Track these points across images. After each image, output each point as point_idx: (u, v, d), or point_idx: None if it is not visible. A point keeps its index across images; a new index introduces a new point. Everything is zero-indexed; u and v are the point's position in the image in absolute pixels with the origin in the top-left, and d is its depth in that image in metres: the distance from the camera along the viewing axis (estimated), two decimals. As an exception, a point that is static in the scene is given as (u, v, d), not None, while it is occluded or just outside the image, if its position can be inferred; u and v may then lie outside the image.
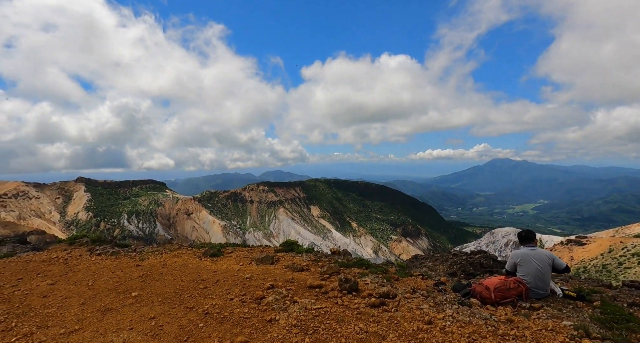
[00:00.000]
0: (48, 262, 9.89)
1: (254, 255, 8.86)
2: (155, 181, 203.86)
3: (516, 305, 5.27)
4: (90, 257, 9.89)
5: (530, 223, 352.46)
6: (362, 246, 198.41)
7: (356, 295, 5.43)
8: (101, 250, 10.44)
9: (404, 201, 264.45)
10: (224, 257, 9.04)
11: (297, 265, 7.47)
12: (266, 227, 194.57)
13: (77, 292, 6.36)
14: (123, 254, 9.93)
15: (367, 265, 7.63)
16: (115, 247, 11.48)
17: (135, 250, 10.39)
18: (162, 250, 10.43)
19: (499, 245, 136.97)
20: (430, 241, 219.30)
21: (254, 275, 6.87)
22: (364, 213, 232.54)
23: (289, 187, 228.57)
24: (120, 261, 9.14)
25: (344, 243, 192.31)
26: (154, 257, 9.36)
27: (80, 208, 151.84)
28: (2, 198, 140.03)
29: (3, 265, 10.16)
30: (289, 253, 9.32)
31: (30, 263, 9.91)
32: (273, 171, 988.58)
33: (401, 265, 8.57)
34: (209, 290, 5.99)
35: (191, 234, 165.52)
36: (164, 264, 8.33)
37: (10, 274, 8.74)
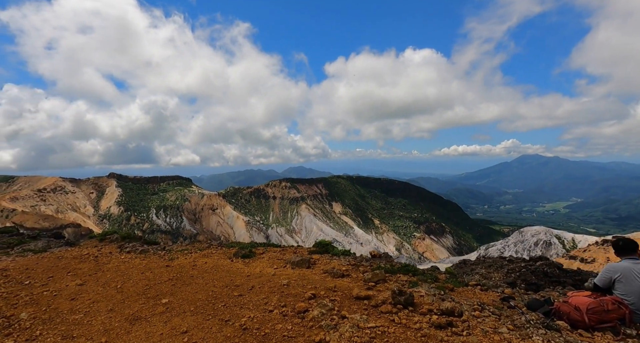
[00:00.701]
0: (79, 259, 9.74)
1: (287, 257, 8.25)
2: (181, 177, 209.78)
3: (619, 332, 4.29)
4: (120, 255, 9.63)
5: (562, 222, 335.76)
6: (384, 243, 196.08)
7: (413, 310, 4.66)
8: (130, 247, 10.18)
9: (427, 198, 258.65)
10: (256, 258, 8.49)
11: (336, 270, 6.78)
12: (288, 223, 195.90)
13: (105, 296, 5.96)
14: (152, 252, 9.61)
15: (413, 272, 6.83)
16: (145, 244, 11.22)
17: (164, 249, 10.05)
18: (191, 249, 10.03)
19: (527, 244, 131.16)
20: (455, 239, 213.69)
21: (291, 281, 6.23)
22: (387, 210, 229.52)
23: (311, 183, 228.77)
24: (149, 260, 8.79)
25: (366, 240, 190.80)
26: (184, 256, 8.95)
27: (112, 203, 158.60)
28: (41, 192, 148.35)
29: (36, 261, 10.14)
30: (324, 255, 8.65)
31: (62, 260, 9.81)
32: (295, 167, 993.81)
33: (451, 272, 7.72)
34: (245, 299, 5.40)
35: (216, 229, 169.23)
36: (194, 265, 7.87)
37: (42, 271, 8.61)
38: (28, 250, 13.60)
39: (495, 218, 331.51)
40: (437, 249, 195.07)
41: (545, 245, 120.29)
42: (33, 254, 11.57)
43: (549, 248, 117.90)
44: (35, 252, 12.56)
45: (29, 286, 7.11)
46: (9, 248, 14.04)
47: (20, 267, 9.51)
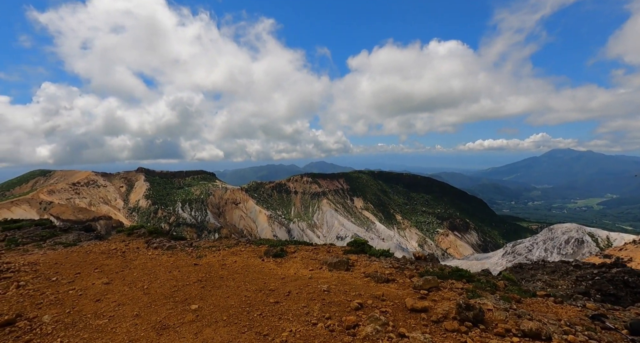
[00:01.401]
0: (107, 254, 9.53)
1: (321, 257, 7.60)
2: (206, 171, 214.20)
3: None
4: (147, 251, 9.30)
5: (596, 219, 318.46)
6: (406, 239, 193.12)
7: (485, 329, 3.87)
8: (157, 243, 9.84)
9: (451, 193, 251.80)
10: (289, 258, 7.89)
11: (379, 274, 6.05)
12: (310, 217, 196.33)
13: (131, 297, 5.51)
14: (179, 249, 9.21)
15: (468, 277, 5.99)
16: (171, 240, 10.89)
17: (191, 245, 9.65)
18: (219, 245, 9.57)
19: (558, 242, 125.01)
20: (480, 236, 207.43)
21: (330, 285, 5.56)
22: (409, 206, 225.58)
23: (332, 178, 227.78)
24: (176, 257, 8.37)
25: (387, 235, 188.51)
26: (212, 254, 8.48)
27: (140, 196, 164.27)
28: (76, 186, 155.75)
29: (65, 256, 10.03)
30: (360, 255, 7.93)
31: (90, 255, 9.64)
32: (317, 162, 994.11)
33: (510, 278, 6.81)
34: (282, 307, 4.78)
35: (239, 223, 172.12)
36: (223, 264, 7.36)
37: (70, 267, 8.41)
38: (59, 243, 13.71)
39: (523, 215, 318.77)
40: (461, 246, 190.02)
41: (577, 243, 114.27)
42: (63, 248, 11.57)
43: (580, 246, 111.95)
44: (65, 245, 12.61)
45: (56, 283, 6.84)
46: (41, 241, 14.24)
47: (50, 261, 9.41)
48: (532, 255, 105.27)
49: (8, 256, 11.45)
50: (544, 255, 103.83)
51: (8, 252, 12.21)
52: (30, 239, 14.00)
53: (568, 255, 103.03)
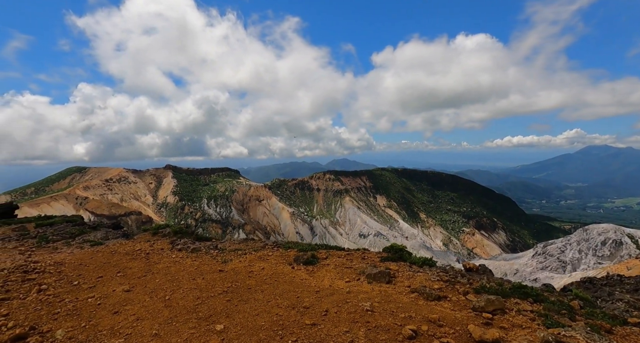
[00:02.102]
0: (131, 255, 9.23)
1: (356, 265, 6.83)
2: (230, 169, 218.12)
3: None
4: (171, 253, 8.88)
5: (635, 219, 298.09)
6: (431, 238, 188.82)
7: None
8: (182, 244, 9.42)
9: (478, 191, 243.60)
10: (321, 265, 7.18)
11: (427, 289, 5.22)
12: (332, 214, 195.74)
13: (151, 310, 4.98)
14: (204, 252, 8.73)
15: (535, 296, 5.06)
16: (196, 240, 10.46)
17: (216, 247, 9.15)
18: (244, 248, 9.01)
19: (593, 243, 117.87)
20: (508, 235, 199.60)
21: (373, 303, 4.80)
22: (434, 204, 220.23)
23: (355, 175, 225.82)
24: (201, 261, 7.87)
25: (411, 234, 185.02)
26: (237, 258, 7.91)
27: (168, 193, 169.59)
28: (108, 182, 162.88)
29: (90, 256, 9.85)
30: (400, 264, 7.10)
31: (115, 256, 9.37)
32: (339, 160, 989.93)
33: (583, 297, 5.77)
34: (321, 331, 4.06)
35: (262, 219, 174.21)
36: (250, 271, 6.75)
37: (94, 269, 8.13)
38: (87, 240, 13.74)
39: (555, 214, 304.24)
40: (488, 245, 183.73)
41: (615, 244, 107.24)
42: (90, 247, 11.47)
43: (619, 248, 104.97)
44: (92, 243, 12.56)
45: (77, 288, 6.50)
46: (70, 239, 14.36)
47: (75, 261, 9.23)
48: (564, 257, 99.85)
49: (38, 254, 11.47)
50: (577, 257, 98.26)
51: (38, 249, 12.27)
52: (60, 236, 14.12)
53: (605, 257, 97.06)
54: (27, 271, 8.19)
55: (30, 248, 12.37)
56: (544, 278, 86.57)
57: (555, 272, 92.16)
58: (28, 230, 16.29)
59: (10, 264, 9.32)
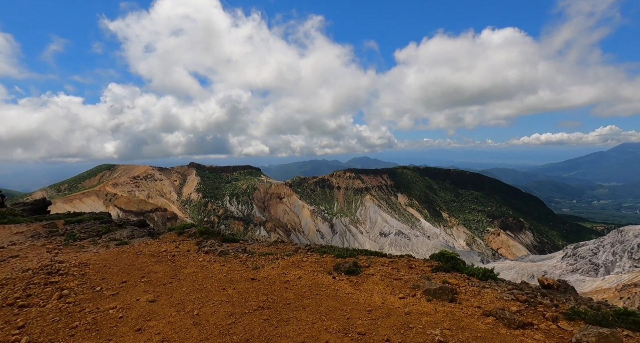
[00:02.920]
0: (156, 257, 8.72)
1: (406, 276, 5.94)
2: (252, 167, 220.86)
3: None
4: (198, 256, 8.28)
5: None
6: (453, 237, 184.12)
7: None
8: (209, 246, 8.81)
9: (503, 191, 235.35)
10: (364, 275, 6.33)
11: (506, 312, 4.25)
12: (352, 213, 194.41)
13: (178, 329, 4.30)
14: (232, 255, 8.07)
15: None
16: (223, 242, 9.85)
17: (245, 250, 8.47)
18: (275, 251, 8.28)
19: (629, 245, 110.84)
20: (536, 236, 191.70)
21: (444, 331, 3.90)
22: (457, 203, 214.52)
23: (375, 174, 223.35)
24: (230, 266, 7.20)
25: (433, 233, 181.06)
26: (269, 264, 7.19)
27: (192, 190, 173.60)
28: (136, 179, 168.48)
29: (115, 256, 9.44)
30: (456, 275, 6.14)
31: (139, 258, 8.89)
32: (360, 158, 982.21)
33: None
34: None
35: (283, 217, 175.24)
36: (286, 281, 5.99)
37: (118, 271, 7.64)
38: (113, 239, 13.52)
39: (587, 215, 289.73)
40: (514, 246, 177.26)
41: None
42: (115, 246, 11.15)
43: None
44: (118, 242, 12.28)
45: (99, 295, 5.96)
46: (97, 237, 14.20)
47: (100, 262, 8.83)
48: (597, 259, 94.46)
49: (64, 253, 11.24)
50: (611, 260, 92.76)
51: (66, 247, 12.08)
52: (87, 234, 13.97)
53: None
54: (50, 272, 7.82)
55: (58, 246, 12.20)
56: (574, 281, 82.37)
57: (587, 275, 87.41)
58: (57, 227, 16.33)
59: (36, 264, 9.05)
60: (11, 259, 10.52)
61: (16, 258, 10.55)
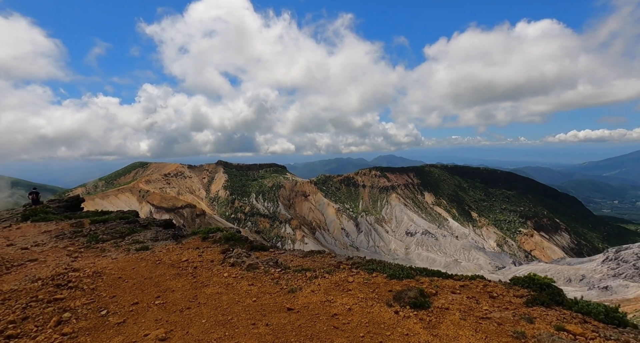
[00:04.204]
0: (176, 268, 7.62)
1: (494, 313, 4.37)
2: (277, 164, 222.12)
3: None
4: (222, 269, 7.08)
5: None
6: (483, 238, 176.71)
7: None
8: (235, 257, 7.59)
9: (537, 190, 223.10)
10: (435, 308, 4.81)
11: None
12: (378, 211, 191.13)
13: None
14: (262, 270, 6.78)
15: None
16: (251, 250, 8.60)
17: (276, 263, 7.17)
18: (312, 265, 6.92)
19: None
20: (573, 238, 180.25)
21: None
22: (487, 202, 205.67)
23: (401, 172, 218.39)
24: (260, 285, 5.91)
25: (462, 233, 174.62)
26: (307, 285, 5.82)
27: (220, 187, 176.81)
28: (167, 176, 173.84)
29: (133, 266, 8.45)
30: (559, 311, 4.50)
31: (158, 268, 7.83)
32: (385, 156, 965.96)
33: None
34: None
35: (308, 215, 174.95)
36: (334, 316, 4.59)
37: (131, 288, 6.55)
38: (136, 241, 12.75)
39: (630, 216, 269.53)
40: (549, 248, 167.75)
41: None
42: (136, 251, 10.24)
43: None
44: (140, 246, 11.44)
45: (102, 323, 4.85)
46: (120, 238, 13.52)
47: (115, 272, 7.86)
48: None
49: (83, 257, 10.48)
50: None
51: (86, 250, 11.37)
52: (110, 236, 13.30)
53: None
54: (60, 285, 6.91)
55: (79, 249, 11.52)
56: (616, 286, 76.26)
57: (631, 280, 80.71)
58: (83, 226, 15.86)
59: (49, 271, 8.23)
60: (29, 263, 9.85)
61: (34, 262, 9.87)
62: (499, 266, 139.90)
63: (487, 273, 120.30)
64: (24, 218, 18.45)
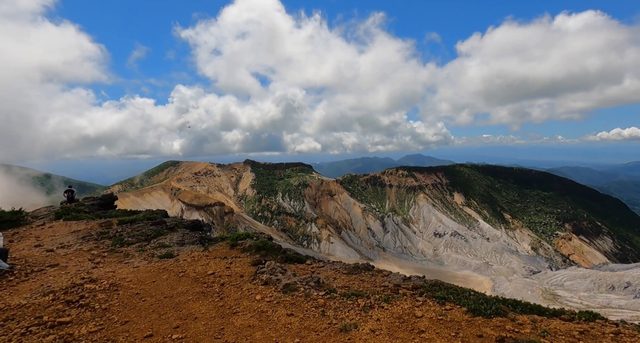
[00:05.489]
0: (201, 285, 6.50)
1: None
2: (303, 164, 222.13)
3: None
4: (254, 288, 5.88)
5: None
6: (516, 240, 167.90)
7: None
8: (268, 272, 6.39)
9: (576, 191, 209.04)
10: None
11: None
12: (405, 212, 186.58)
13: None
14: (302, 292, 5.52)
15: None
16: (286, 262, 7.37)
17: (318, 283, 5.88)
18: (362, 289, 5.56)
19: None
20: (617, 242, 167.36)
21: None
22: (520, 204, 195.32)
23: (429, 171, 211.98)
24: (302, 317, 4.64)
25: (493, 235, 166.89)
26: (363, 320, 4.49)
27: (247, 186, 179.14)
28: (197, 175, 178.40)
29: (153, 278, 7.46)
30: None
31: (181, 283, 6.74)
32: (412, 155, 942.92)
33: None
34: None
35: (334, 214, 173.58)
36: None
37: (147, 310, 5.48)
38: (162, 245, 11.95)
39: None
40: (589, 252, 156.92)
41: None
42: (159, 259, 9.31)
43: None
44: (165, 252, 10.59)
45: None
46: (145, 241, 12.80)
47: (133, 286, 6.88)
48: (697, 271, 79.55)
49: (105, 262, 9.71)
50: None
51: (110, 254, 10.65)
52: (135, 238, 12.59)
53: None
54: (71, 302, 6.01)
55: (102, 253, 10.82)
56: (667, 295, 69.89)
57: (683, 288, 74.09)
58: (112, 226, 15.39)
59: (65, 282, 7.41)
60: (49, 269, 9.18)
61: (54, 268, 9.19)
62: (534, 270, 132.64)
63: (520, 277, 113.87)
64: (57, 217, 18.40)
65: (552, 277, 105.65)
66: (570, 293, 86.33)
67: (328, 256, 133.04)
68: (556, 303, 78.58)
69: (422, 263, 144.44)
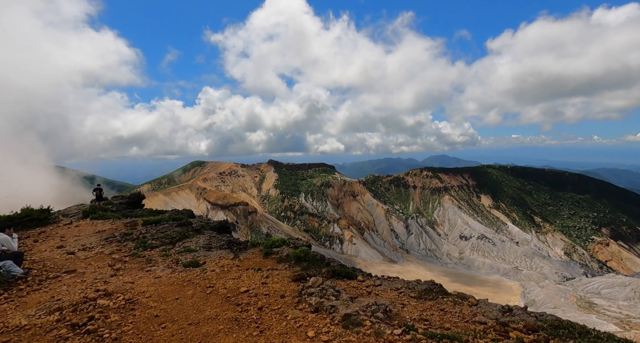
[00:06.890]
0: (233, 306, 5.17)
1: None
2: (326, 164, 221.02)
3: None
4: (302, 316, 4.52)
5: None
6: (548, 245, 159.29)
7: None
8: (317, 294, 5.01)
9: (614, 194, 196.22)
10: None
11: None
12: (429, 213, 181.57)
13: None
14: (368, 326, 4.09)
15: None
16: (332, 276, 5.98)
17: (386, 312, 4.44)
18: (450, 329, 4.04)
19: None
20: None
21: None
22: (552, 207, 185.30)
23: (455, 173, 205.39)
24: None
25: (523, 239, 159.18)
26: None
27: (270, 186, 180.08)
28: (222, 175, 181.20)
29: (176, 294, 6.19)
30: None
31: (209, 302, 5.44)
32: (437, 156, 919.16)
33: None
34: None
35: (356, 215, 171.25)
36: None
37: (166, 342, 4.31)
38: (187, 250, 10.89)
39: None
40: (629, 259, 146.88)
41: None
42: (184, 268, 8.15)
43: None
44: (191, 257, 9.48)
45: None
46: (170, 244, 11.80)
47: (152, 304, 5.68)
48: None
49: (126, 269, 8.69)
50: None
51: (131, 259, 9.65)
52: (159, 241, 11.62)
53: None
54: (77, 325, 4.90)
55: (124, 257, 9.86)
56: None
57: None
58: (136, 226, 14.63)
59: (77, 296, 6.34)
60: (64, 276, 8.25)
61: (70, 275, 8.25)
62: (567, 276, 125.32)
63: (553, 283, 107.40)
64: (84, 216, 18.06)
65: (588, 284, 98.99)
66: (608, 302, 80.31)
67: (352, 257, 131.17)
68: (592, 311, 73.24)
69: (450, 266, 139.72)
